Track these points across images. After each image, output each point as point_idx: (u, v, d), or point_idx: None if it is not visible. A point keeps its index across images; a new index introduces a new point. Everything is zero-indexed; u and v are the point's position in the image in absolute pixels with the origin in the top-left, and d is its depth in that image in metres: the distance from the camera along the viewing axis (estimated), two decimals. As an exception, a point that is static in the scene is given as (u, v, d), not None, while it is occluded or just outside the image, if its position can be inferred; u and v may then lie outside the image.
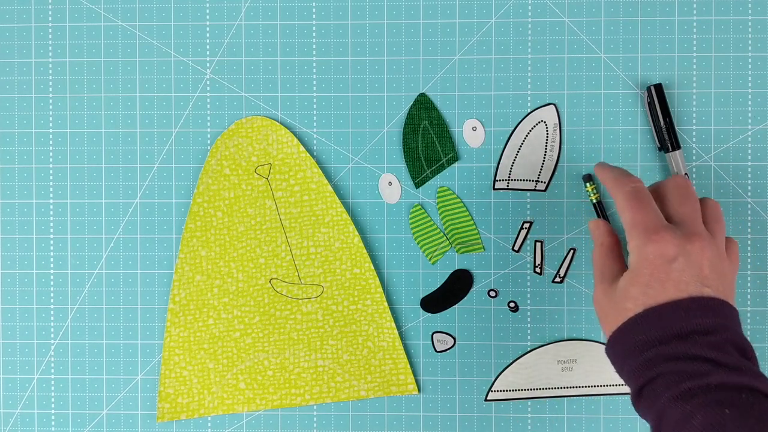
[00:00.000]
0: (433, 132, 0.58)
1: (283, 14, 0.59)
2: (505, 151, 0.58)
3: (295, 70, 0.59)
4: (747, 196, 0.57)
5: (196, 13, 0.59)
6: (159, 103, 0.59)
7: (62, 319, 0.59)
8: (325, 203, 0.58)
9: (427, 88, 0.58)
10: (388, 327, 0.58)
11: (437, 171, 0.58)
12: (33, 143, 0.59)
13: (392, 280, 0.58)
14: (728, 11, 0.57)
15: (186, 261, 0.58)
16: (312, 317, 0.58)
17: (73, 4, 0.59)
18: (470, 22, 0.58)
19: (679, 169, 0.56)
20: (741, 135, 0.57)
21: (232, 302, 0.58)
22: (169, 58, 0.59)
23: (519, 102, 0.58)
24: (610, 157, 0.57)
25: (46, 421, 0.59)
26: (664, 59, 0.57)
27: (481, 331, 0.58)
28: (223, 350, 0.58)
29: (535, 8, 0.58)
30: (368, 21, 0.58)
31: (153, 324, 0.59)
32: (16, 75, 0.59)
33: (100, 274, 0.59)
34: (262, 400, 0.58)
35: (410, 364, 0.58)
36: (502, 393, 0.58)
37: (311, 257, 0.58)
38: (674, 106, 0.57)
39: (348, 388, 0.58)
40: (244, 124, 0.58)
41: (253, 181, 0.58)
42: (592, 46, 0.57)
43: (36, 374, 0.59)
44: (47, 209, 0.59)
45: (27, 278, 0.59)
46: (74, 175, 0.59)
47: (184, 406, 0.58)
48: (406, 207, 0.58)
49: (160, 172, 0.59)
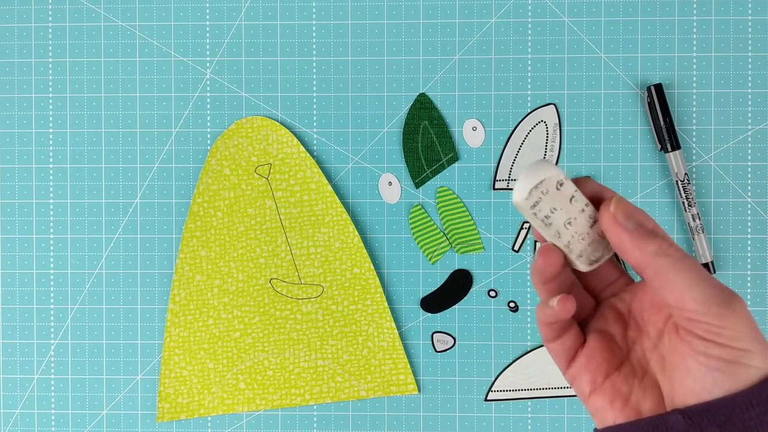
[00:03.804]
0: (433, 132, 0.58)
1: (283, 14, 0.59)
2: (505, 151, 0.58)
3: (295, 70, 0.59)
4: (747, 196, 0.57)
5: (196, 13, 0.59)
6: (159, 103, 0.59)
7: (62, 319, 0.59)
8: (325, 203, 0.58)
9: (427, 88, 0.58)
10: (388, 327, 0.58)
11: (437, 171, 0.58)
12: (33, 143, 0.59)
13: (392, 280, 0.58)
14: (728, 11, 0.57)
15: (186, 261, 0.58)
16: (312, 317, 0.58)
17: (73, 4, 0.59)
18: (470, 22, 0.58)
19: (679, 169, 0.56)
20: (741, 135, 0.57)
21: (232, 302, 0.58)
22: (169, 58, 0.59)
23: (519, 102, 0.58)
24: (610, 157, 0.57)
25: (46, 421, 0.59)
26: (664, 59, 0.57)
27: (481, 331, 0.58)
28: (223, 350, 0.58)
29: (535, 8, 0.58)
30: (368, 21, 0.58)
31: (153, 324, 0.59)
32: (16, 75, 0.59)
33: (100, 274, 0.59)
34: (262, 400, 0.58)
35: (410, 364, 0.58)
36: (502, 393, 0.58)
37: (311, 257, 0.58)
38: (674, 106, 0.57)
39: (348, 388, 0.58)
40: (244, 124, 0.58)
41: (253, 181, 0.58)
42: (592, 46, 0.57)
43: (36, 374, 0.59)
44: (47, 209, 0.59)
45: (27, 278, 0.59)
46: (74, 175, 0.59)
47: (184, 406, 0.58)
48: (406, 207, 0.58)
49: (160, 172, 0.59)
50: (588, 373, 0.33)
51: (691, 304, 0.29)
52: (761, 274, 0.57)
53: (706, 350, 0.29)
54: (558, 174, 0.31)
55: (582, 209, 0.32)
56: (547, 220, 0.32)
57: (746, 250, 0.57)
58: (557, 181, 0.31)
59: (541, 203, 0.31)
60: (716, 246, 0.57)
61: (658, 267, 0.30)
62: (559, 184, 0.31)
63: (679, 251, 0.30)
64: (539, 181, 0.31)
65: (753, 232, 0.57)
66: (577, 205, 0.32)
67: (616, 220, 0.31)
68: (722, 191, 0.57)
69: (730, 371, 0.29)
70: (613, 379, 0.33)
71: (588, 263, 0.32)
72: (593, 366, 0.33)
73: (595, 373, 0.33)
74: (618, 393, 0.32)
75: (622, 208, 0.31)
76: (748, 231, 0.57)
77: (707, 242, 0.56)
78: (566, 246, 0.32)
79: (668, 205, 0.57)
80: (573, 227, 0.32)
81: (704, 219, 0.57)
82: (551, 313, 0.32)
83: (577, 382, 0.34)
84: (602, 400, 0.33)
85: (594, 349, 0.33)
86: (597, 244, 0.32)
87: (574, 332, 0.34)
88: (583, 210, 0.32)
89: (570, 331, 0.34)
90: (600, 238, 0.32)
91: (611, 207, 0.31)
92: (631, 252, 0.30)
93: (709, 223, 0.57)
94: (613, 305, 0.35)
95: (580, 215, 0.32)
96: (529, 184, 0.31)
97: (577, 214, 0.32)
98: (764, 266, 0.57)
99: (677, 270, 0.29)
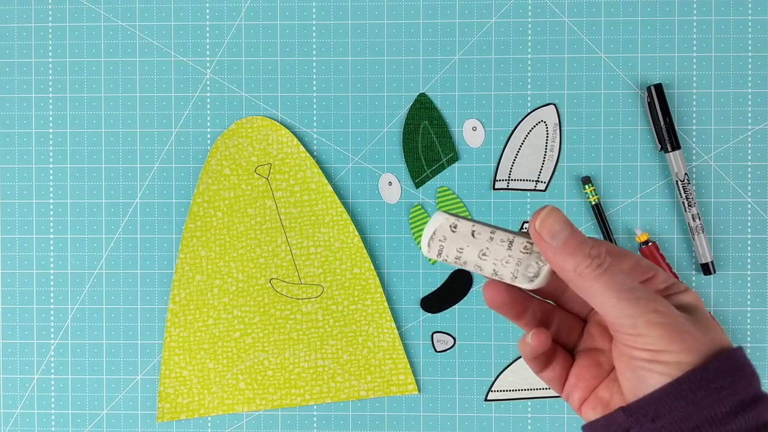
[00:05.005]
0: (433, 132, 0.58)
1: (283, 14, 0.59)
2: (505, 151, 0.58)
3: (295, 70, 0.59)
4: (747, 196, 0.57)
5: (196, 13, 0.59)
6: (159, 103, 0.59)
7: (62, 319, 0.59)
8: (325, 203, 0.58)
9: (427, 88, 0.58)
10: (388, 327, 0.58)
11: (437, 171, 0.58)
12: (33, 143, 0.59)
13: (392, 280, 0.58)
14: (728, 11, 0.57)
15: (186, 261, 0.58)
16: (312, 317, 0.58)
17: (73, 4, 0.59)
18: (470, 22, 0.58)
19: (679, 169, 0.56)
20: (741, 135, 0.57)
21: (232, 302, 0.58)
22: (169, 58, 0.59)
23: (519, 102, 0.58)
24: (610, 157, 0.57)
25: (46, 421, 0.59)
26: (664, 59, 0.57)
27: (481, 331, 0.58)
28: (223, 350, 0.58)
29: (535, 8, 0.58)
30: (368, 21, 0.58)
31: (153, 324, 0.59)
32: (16, 75, 0.59)
33: (100, 274, 0.59)
34: (262, 400, 0.58)
35: (410, 364, 0.58)
36: (502, 393, 0.58)
37: (311, 257, 0.58)
38: (674, 106, 0.57)
39: (348, 388, 0.58)
40: (244, 124, 0.58)
41: (253, 181, 0.58)
42: (592, 46, 0.57)
43: (36, 374, 0.59)
44: (47, 209, 0.59)
45: (27, 278, 0.59)
46: (74, 175, 0.59)
47: (184, 406, 0.58)
48: (406, 207, 0.58)
49: (160, 172, 0.59)
50: (578, 390, 0.35)
51: (608, 317, 0.31)
52: (761, 274, 0.57)
53: (630, 353, 0.31)
54: (447, 219, 0.33)
55: (489, 238, 0.33)
56: (460, 259, 0.34)
57: (746, 250, 0.57)
58: (449, 225, 0.33)
59: (444, 249, 0.34)
60: (716, 246, 0.57)
61: (576, 285, 0.31)
62: (452, 227, 0.33)
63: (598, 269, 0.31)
64: (432, 232, 0.33)
65: (753, 232, 0.57)
66: (482, 236, 0.33)
67: (539, 236, 0.32)
68: (722, 191, 0.57)
69: (652, 368, 0.30)
70: (597, 388, 0.35)
71: (528, 280, 0.33)
72: (582, 384, 0.35)
73: (585, 390, 0.35)
74: (600, 399, 0.34)
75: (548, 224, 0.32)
76: (748, 231, 0.57)
77: (707, 242, 0.56)
78: (494, 274, 0.34)
79: (668, 205, 0.57)
80: (490, 256, 0.33)
81: (704, 219, 0.57)
82: (529, 349, 0.34)
83: (571, 400, 0.36)
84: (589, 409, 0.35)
85: (582, 367, 0.35)
86: (527, 260, 0.33)
87: (561, 358, 0.35)
88: (491, 238, 0.33)
89: (557, 359, 0.35)
90: (526, 254, 0.33)
91: (537, 223, 0.32)
92: (554, 267, 0.32)
93: (709, 223, 0.57)
94: (598, 321, 0.36)
95: (490, 243, 0.33)
96: (426, 238, 0.34)
97: (486, 244, 0.33)
98: (764, 266, 0.57)
99: (592, 289, 0.31)
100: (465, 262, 0.34)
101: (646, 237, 0.56)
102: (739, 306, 0.57)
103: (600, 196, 0.57)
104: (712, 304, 0.57)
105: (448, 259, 0.34)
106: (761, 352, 0.57)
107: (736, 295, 0.57)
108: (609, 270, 0.31)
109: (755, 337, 0.57)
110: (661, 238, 0.57)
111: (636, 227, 0.57)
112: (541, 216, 0.32)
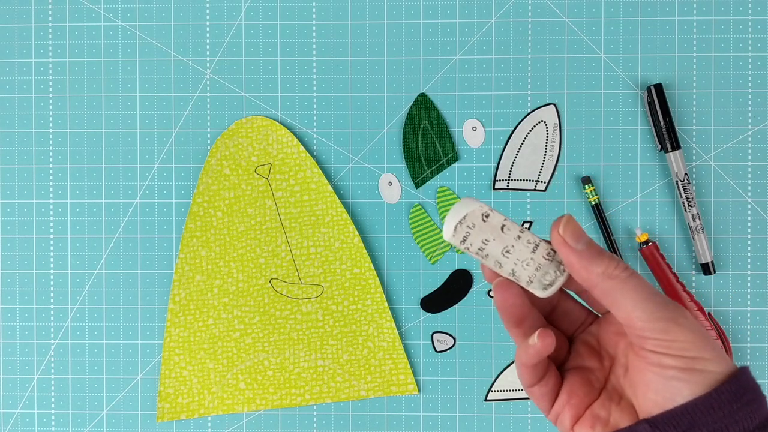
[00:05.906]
0: (433, 132, 0.58)
1: (283, 14, 0.59)
2: (505, 151, 0.58)
3: (295, 70, 0.59)
4: (747, 196, 0.57)
5: (196, 13, 0.59)
6: (159, 103, 0.59)
7: (62, 319, 0.59)
8: (325, 203, 0.58)
9: (427, 88, 0.58)
10: (388, 327, 0.58)
11: (437, 171, 0.58)
12: (33, 143, 0.59)
13: (392, 280, 0.58)
14: (728, 11, 0.57)
15: (186, 261, 0.58)
16: (312, 317, 0.58)
17: (73, 4, 0.59)
18: (470, 22, 0.58)
19: (679, 169, 0.56)
20: (741, 135, 0.57)
21: (232, 302, 0.58)
22: (169, 58, 0.59)
23: (519, 102, 0.58)
24: (610, 157, 0.57)
25: (46, 421, 0.59)
26: (664, 59, 0.57)
27: (481, 331, 0.58)
28: (223, 350, 0.58)
29: (535, 8, 0.58)
30: (368, 21, 0.58)
31: (153, 324, 0.59)
32: (16, 75, 0.59)
33: (100, 274, 0.59)
34: (262, 400, 0.58)
35: (410, 364, 0.58)
36: (502, 393, 0.58)
37: (311, 257, 0.58)
38: (674, 106, 0.57)
39: (348, 388, 0.58)
40: (244, 124, 0.58)
41: (253, 181, 0.58)
42: (592, 46, 0.57)
43: (36, 374, 0.59)
44: (47, 209, 0.59)
45: (27, 278, 0.59)
46: (74, 175, 0.59)
47: (184, 406, 0.58)
48: (406, 207, 0.58)
49: (160, 172, 0.59)
50: (571, 408, 0.34)
51: (637, 322, 0.30)
52: (761, 274, 0.57)
53: (660, 362, 0.30)
54: (481, 207, 0.32)
55: (517, 236, 0.32)
56: (482, 252, 0.32)
57: (746, 250, 0.57)
58: (482, 213, 0.32)
59: (470, 237, 0.32)
60: (716, 246, 0.57)
61: (604, 288, 0.31)
62: (484, 216, 0.32)
63: (626, 271, 0.31)
64: (462, 217, 0.32)
65: (753, 232, 0.57)
66: (511, 233, 0.32)
67: (564, 241, 0.31)
68: (722, 191, 0.57)
69: (686, 378, 0.29)
70: (592, 407, 0.34)
71: (542, 288, 0.33)
72: (575, 401, 0.34)
73: (578, 408, 0.34)
74: (597, 418, 0.33)
75: (571, 228, 0.31)
76: (748, 231, 0.57)
77: (707, 242, 0.56)
78: (511, 274, 0.33)
79: (668, 205, 0.57)
80: (513, 255, 0.32)
81: (704, 219, 0.57)
82: (534, 352, 0.33)
83: (560, 420, 0.34)
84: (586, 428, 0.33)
85: (574, 384, 0.34)
86: (546, 267, 0.33)
87: (553, 374, 0.35)
88: (518, 237, 0.32)
89: (550, 372, 0.34)
90: (548, 261, 0.33)
91: (560, 228, 0.31)
92: (578, 272, 0.31)
93: (709, 223, 0.57)
94: (585, 340, 0.36)
95: (516, 242, 0.32)
96: (453, 222, 0.32)
97: (513, 242, 0.32)
98: (764, 266, 0.57)
99: (622, 291, 0.30)
100: (486, 255, 0.33)
101: (646, 237, 0.56)
102: (739, 306, 0.57)
103: (600, 196, 0.57)
104: (712, 304, 0.57)
105: (470, 249, 0.32)
106: (761, 352, 0.57)
107: (736, 295, 0.57)
108: (636, 273, 0.31)
109: (755, 337, 0.57)
110: (661, 238, 0.57)
111: (636, 227, 0.57)
112: (563, 222, 0.31)
